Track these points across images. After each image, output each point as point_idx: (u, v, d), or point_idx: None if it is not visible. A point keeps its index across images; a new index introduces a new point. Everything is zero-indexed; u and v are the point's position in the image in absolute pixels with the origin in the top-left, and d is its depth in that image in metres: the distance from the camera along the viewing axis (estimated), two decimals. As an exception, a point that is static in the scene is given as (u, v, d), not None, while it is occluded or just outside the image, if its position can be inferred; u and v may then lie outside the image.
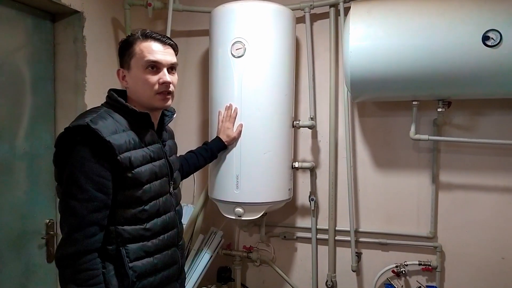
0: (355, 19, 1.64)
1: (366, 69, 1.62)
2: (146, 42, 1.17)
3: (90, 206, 1.04)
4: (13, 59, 1.69)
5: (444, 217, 1.93)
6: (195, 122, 2.30)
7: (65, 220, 1.06)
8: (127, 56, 1.19)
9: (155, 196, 1.17)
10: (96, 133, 1.04)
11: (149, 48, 1.17)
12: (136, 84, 1.19)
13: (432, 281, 1.95)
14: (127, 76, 1.20)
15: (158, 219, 1.19)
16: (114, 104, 1.18)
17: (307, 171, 2.10)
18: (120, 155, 1.07)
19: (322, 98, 2.07)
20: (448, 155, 1.91)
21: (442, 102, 1.74)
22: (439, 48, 1.54)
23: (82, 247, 1.04)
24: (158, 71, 1.18)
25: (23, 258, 1.73)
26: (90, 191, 1.04)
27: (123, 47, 1.21)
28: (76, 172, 1.04)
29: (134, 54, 1.17)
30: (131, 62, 1.18)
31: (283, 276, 2.15)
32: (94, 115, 1.09)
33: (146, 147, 1.17)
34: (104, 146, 1.05)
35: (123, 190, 1.10)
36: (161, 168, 1.21)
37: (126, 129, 1.13)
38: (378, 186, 2.02)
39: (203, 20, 2.11)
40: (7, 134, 1.67)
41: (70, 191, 1.05)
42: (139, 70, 1.17)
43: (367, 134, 2.04)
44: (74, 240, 1.04)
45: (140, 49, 1.17)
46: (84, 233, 1.04)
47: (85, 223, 1.04)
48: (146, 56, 1.16)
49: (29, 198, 1.75)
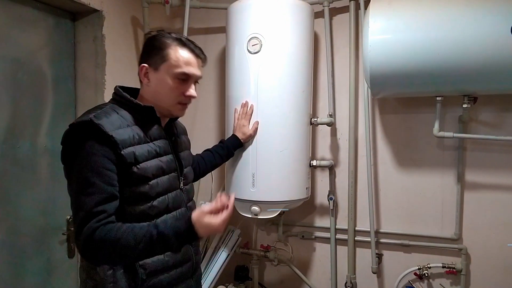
0: (375, 11, 1.59)
1: (387, 64, 1.57)
2: (182, 51, 1.16)
3: (98, 198, 1.03)
4: (35, 58, 1.73)
5: (470, 218, 1.85)
6: (213, 120, 2.30)
7: (76, 215, 1.05)
8: (159, 58, 1.16)
9: (163, 192, 1.16)
10: (99, 128, 1.04)
11: (185, 59, 1.16)
12: (161, 88, 1.17)
13: (456, 284, 1.87)
14: (151, 75, 1.17)
15: (168, 215, 1.17)
16: (120, 100, 1.17)
17: (326, 170, 2.06)
18: (124, 150, 1.06)
19: (342, 95, 2.02)
20: (475, 153, 1.83)
21: (467, 98, 1.67)
22: (464, 41, 1.47)
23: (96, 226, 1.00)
24: (186, 83, 1.18)
25: (45, 253, 1.77)
26: (97, 183, 1.03)
27: (156, 46, 1.17)
28: (83, 167, 1.04)
29: (168, 59, 1.15)
30: (162, 65, 1.16)
31: (301, 276, 2.12)
32: (99, 111, 1.09)
33: (151, 142, 1.16)
34: (107, 141, 1.05)
35: (129, 187, 1.09)
36: (168, 164, 1.19)
37: (131, 124, 1.12)
38: (400, 186, 1.96)
39: (220, 17, 2.11)
40: (29, 132, 1.71)
41: (79, 187, 1.05)
42: (169, 76, 1.16)
43: (389, 131, 1.97)
44: (86, 226, 1.02)
45: (177, 58, 1.15)
46: (94, 220, 1.01)
47: (93, 213, 1.02)
48: (182, 68, 1.15)
49: (50, 194, 1.78)
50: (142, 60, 1.19)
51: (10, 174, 1.62)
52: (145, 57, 1.18)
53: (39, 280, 1.74)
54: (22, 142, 1.67)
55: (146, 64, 1.17)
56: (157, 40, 1.17)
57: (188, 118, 2.31)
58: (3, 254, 1.60)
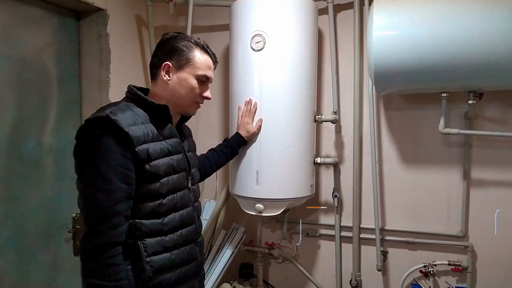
0: (379, 7, 1.58)
1: (391, 60, 1.56)
2: (204, 56, 1.26)
3: (115, 197, 1.05)
4: (40, 57, 1.74)
5: (476, 215, 1.83)
6: (217, 118, 2.29)
7: (89, 212, 1.06)
8: (184, 59, 1.22)
9: (172, 190, 1.18)
10: (116, 123, 1.05)
11: (207, 64, 1.26)
12: (181, 87, 1.23)
13: (462, 282, 1.86)
14: (173, 74, 1.22)
15: (176, 213, 1.18)
16: (134, 98, 1.20)
17: (330, 167, 2.05)
18: (138, 146, 1.08)
19: (346, 92, 2.01)
20: (481, 150, 1.81)
21: (473, 94, 1.65)
22: (470, 36, 1.45)
23: (107, 239, 1.04)
24: (204, 84, 1.28)
25: (50, 251, 1.78)
26: (114, 181, 1.04)
27: (179, 47, 1.22)
28: (100, 163, 1.05)
29: (194, 62, 1.23)
30: (186, 67, 1.23)
31: (306, 274, 2.11)
32: (114, 108, 1.11)
33: (164, 141, 1.18)
34: (123, 137, 1.06)
35: (140, 183, 1.10)
36: (178, 162, 1.21)
37: (145, 121, 1.14)
38: (405, 183, 1.95)
39: (224, 15, 2.10)
40: (35, 130, 1.72)
41: (95, 182, 1.05)
42: (191, 77, 1.23)
43: (394, 128, 1.96)
44: (100, 231, 1.04)
45: (201, 61, 1.24)
46: (109, 224, 1.04)
47: (110, 213, 1.04)
48: (204, 71, 1.25)
49: (56, 192, 1.80)
50: (164, 58, 1.23)
51: (15, 172, 1.63)
52: (168, 56, 1.23)
53: (45, 277, 1.75)
54: (28, 141, 1.68)
55: (169, 62, 1.22)
56: (181, 41, 1.23)
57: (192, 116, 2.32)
58: (9, 251, 1.61)
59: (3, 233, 1.59)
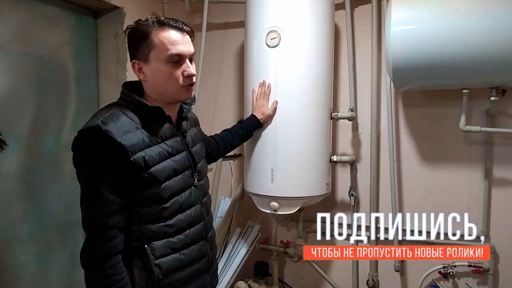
0: (397, 1, 1.54)
1: (410, 56, 1.52)
2: (164, 32, 1.09)
3: (107, 210, 1.02)
4: (58, 55, 1.77)
5: (498, 216, 1.78)
6: (232, 116, 2.28)
7: (85, 223, 1.05)
8: (145, 48, 1.09)
9: (176, 193, 1.14)
10: (107, 134, 1.01)
11: (170, 39, 1.09)
12: (158, 78, 1.12)
13: (484, 284, 1.80)
14: (145, 68, 1.12)
15: (182, 214, 1.15)
16: (128, 100, 1.12)
17: (347, 165, 2.02)
18: (133, 156, 1.03)
19: (363, 88, 1.98)
20: (503, 148, 1.75)
21: (495, 90, 1.60)
22: (492, 30, 1.40)
23: (104, 252, 1.03)
24: (180, 63, 1.12)
25: (69, 246, 1.81)
26: (105, 195, 1.02)
27: (137, 37, 1.10)
28: (91, 177, 1.03)
29: (154, 46, 1.08)
30: (150, 55, 1.09)
31: (322, 273, 2.09)
32: (107, 115, 1.05)
33: (162, 143, 1.13)
34: (116, 148, 1.01)
35: (141, 190, 1.07)
36: (181, 162, 1.16)
37: (140, 126, 1.08)
38: (424, 182, 1.90)
39: (239, 11, 2.09)
40: (53, 127, 1.75)
41: (86, 196, 1.04)
42: (161, 63, 1.10)
43: (412, 125, 1.92)
44: (96, 245, 1.03)
45: (160, 41, 1.08)
46: (104, 238, 1.03)
47: (104, 227, 1.02)
48: (169, 49, 1.08)
49: (74, 188, 1.78)
50: (131, 56, 1.13)
51: (35, 169, 1.66)
52: (133, 53, 1.13)
53: (63, 272, 1.78)
54: (46, 138, 1.71)
55: (136, 60, 1.12)
56: (137, 31, 1.11)
57: (208, 113, 2.32)
58: (30, 246, 1.65)
59: (23, 228, 1.63)
